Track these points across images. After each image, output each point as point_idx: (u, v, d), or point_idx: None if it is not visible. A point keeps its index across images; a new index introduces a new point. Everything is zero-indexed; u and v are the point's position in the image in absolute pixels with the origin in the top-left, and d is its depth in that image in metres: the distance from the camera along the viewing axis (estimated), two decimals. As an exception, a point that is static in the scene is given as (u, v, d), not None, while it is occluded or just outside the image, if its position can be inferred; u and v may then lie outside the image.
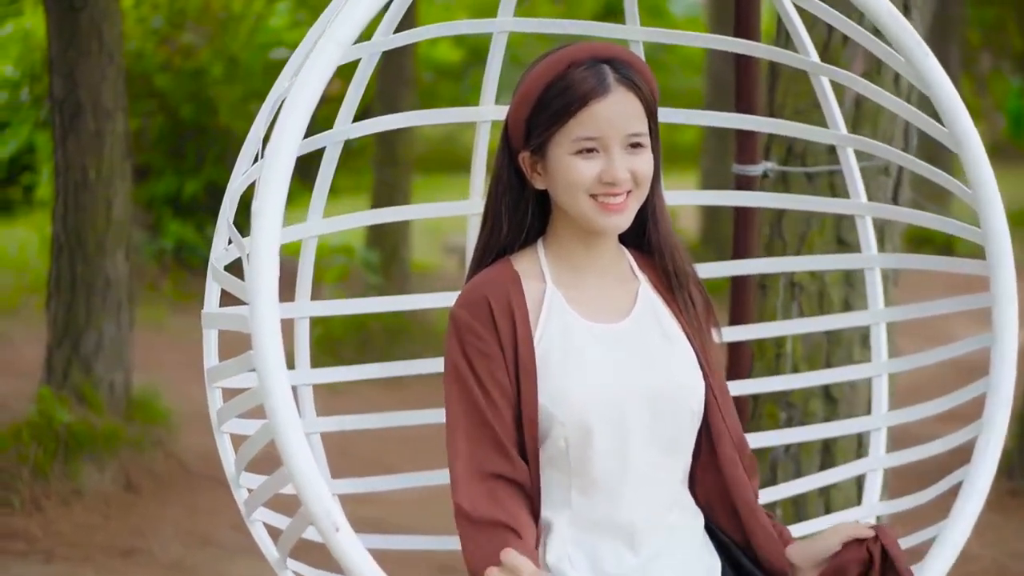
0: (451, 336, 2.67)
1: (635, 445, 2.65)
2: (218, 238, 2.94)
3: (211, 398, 2.90)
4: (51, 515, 6.21)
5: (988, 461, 2.76)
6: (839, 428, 3.70)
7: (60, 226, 7.05)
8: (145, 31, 11.69)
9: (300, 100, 2.36)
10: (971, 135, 2.82)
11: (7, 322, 10.26)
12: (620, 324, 2.73)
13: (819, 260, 3.88)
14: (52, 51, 6.98)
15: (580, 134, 2.64)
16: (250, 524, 2.84)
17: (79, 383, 6.92)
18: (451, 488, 2.62)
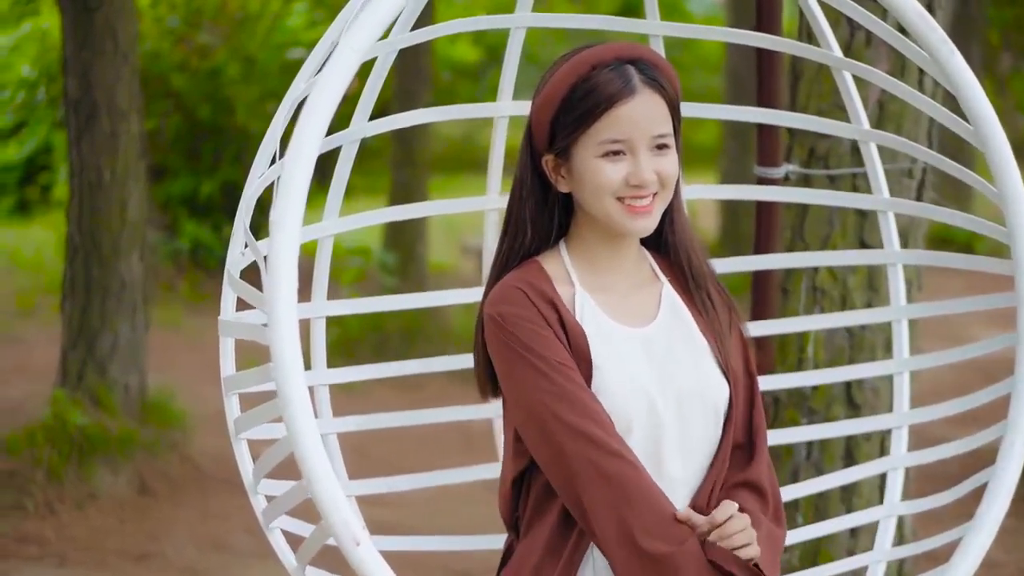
0: (498, 334, 2.62)
1: (668, 448, 2.63)
2: (234, 243, 2.89)
3: (228, 407, 2.86)
4: (65, 519, 6.18)
5: (1014, 462, 2.75)
6: (859, 426, 3.69)
7: (75, 227, 7.00)
8: (161, 31, 11.65)
9: (318, 108, 2.33)
10: (997, 133, 2.80)
11: (23, 323, 10.24)
12: (648, 328, 2.70)
13: (841, 256, 3.84)
14: (67, 51, 6.93)
15: (606, 136, 2.61)
16: (268, 532, 2.81)
17: (94, 385, 6.87)
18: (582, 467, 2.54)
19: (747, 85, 11.49)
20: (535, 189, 2.72)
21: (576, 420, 2.54)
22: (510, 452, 2.70)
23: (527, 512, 2.69)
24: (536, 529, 2.66)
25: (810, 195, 3.69)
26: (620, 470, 2.53)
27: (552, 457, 2.56)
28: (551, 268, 2.71)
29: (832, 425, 3.75)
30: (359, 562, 2.24)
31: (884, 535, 3.39)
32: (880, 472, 3.47)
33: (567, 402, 2.55)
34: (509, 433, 2.71)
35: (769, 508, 2.72)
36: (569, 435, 2.53)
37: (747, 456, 2.75)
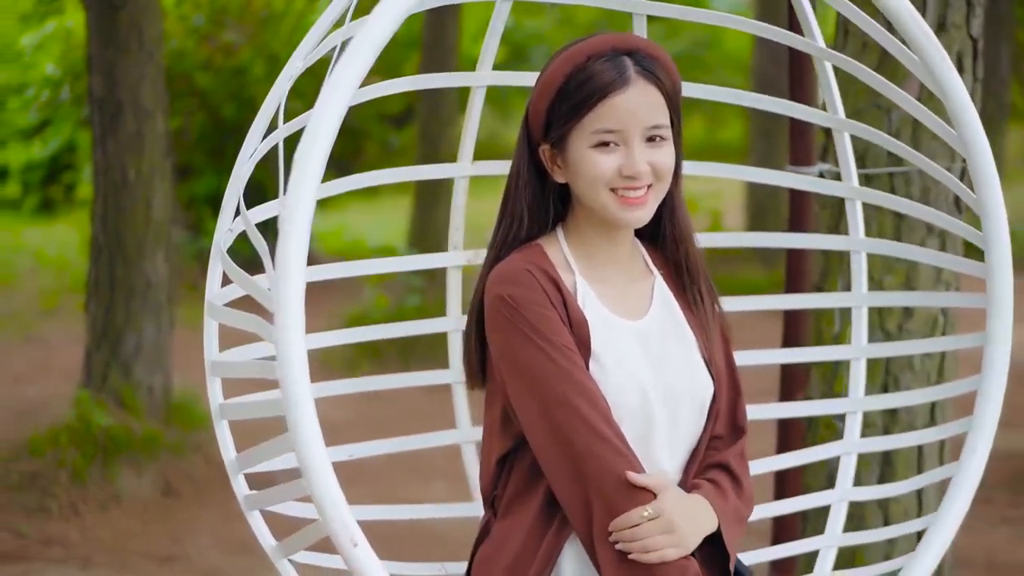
0: (506, 314, 2.61)
1: (657, 441, 2.65)
2: (223, 219, 2.92)
3: (211, 390, 2.90)
4: (89, 521, 6.15)
5: (977, 458, 2.87)
6: (811, 408, 3.73)
7: (99, 227, 6.97)
8: (186, 29, 11.64)
9: (330, 110, 2.29)
10: (980, 140, 2.84)
11: (46, 323, 10.24)
12: (641, 321, 2.71)
13: (808, 239, 3.85)
14: (92, 50, 6.90)
15: (599, 126, 2.61)
16: (248, 515, 2.82)
17: (118, 386, 6.85)
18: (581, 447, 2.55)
19: (773, 84, 11.44)
20: (532, 179, 2.72)
21: (583, 406, 2.54)
22: (497, 431, 2.70)
23: (508, 492, 2.69)
24: (518, 510, 2.66)
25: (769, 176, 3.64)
26: (623, 466, 2.55)
27: (552, 441, 2.56)
28: (552, 254, 2.71)
29: (790, 405, 3.77)
30: (356, 563, 2.24)
31: (835, 520, 3.42)
32: (832, 456, 3.52)
33: (573, 387, 2.55)
34: (495, 411, 2.70)
35: (742, 490, 2.75)
36: (574, 421, 2.54)
37: (724, 444, 2.78)
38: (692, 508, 2.60)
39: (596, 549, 2.55)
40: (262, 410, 2.70)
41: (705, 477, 2.70)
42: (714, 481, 2.69)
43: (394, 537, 4.16)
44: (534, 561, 2.61)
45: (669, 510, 2.53)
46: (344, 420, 7.64)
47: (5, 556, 5.73)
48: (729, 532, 2.65)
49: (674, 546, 2.52)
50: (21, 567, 5.63)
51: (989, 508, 6.35)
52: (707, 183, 16.25)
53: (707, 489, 2.66)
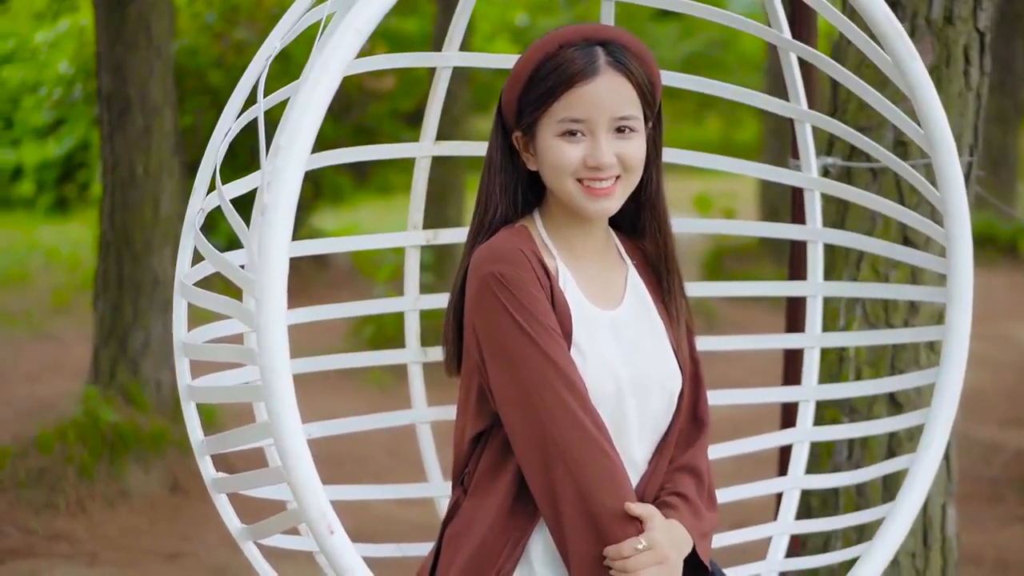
0: (496, 291, 2.61)
1: (629, 432, 2.69)
2: (195, 196, 2.96)
3: (180, 371, 2.90)
4: (96, 517, 6.13)
5: (934, 449, 2.99)
6: (766, 395, 3.80)
7: (107, 224, 6.96)
8: (198, 27, 11.61)
9: (318, 92, 2.29)
10: (946, 139, 2.92)
11: (58, 321, 10.24)
12: (616, 311, 2.74)
13: (768, 227, 3.88)
14: (100, 46, 6.89)
15: (565, 115, 2.63)
16: (214, 496, 2.86)
17: (126, 383, 6.84)
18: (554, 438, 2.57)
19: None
20: (505, 165, 2.75)
21: (564, 392, 2.56)
22: (472, 410, 2.71)
23: (479, 469, 2.71)
24: (488, 489, 2.68)
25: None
26: (602, 450, 2.57)
27: (530, 422, 2.57)
28: (535, 237, 2.73)
29: (747, 392, 3.75)
30: (332, 551, 2.25)
31: (787, 508, 3.49)
32: (786, 444, 3.60)
33: (558, 372, 2.57)
34: (471, 390, 2.71)
35: (704, 492, 2.79)
36: (554, 406, 2.55)
37: (689, 440, 2.81)
38: (676, 536, 2.64)
39: (573, 567, 2.58)
40: (235, 395, 2.70)
41: (675, 490, 2.74)
42: (684, 496, 2.73)
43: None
44: (503, 541, 2.64)
45: (660, 541, 2.56)
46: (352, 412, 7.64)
47: (13, 552, 5.72)
48: (703, 547, 2.72)
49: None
50: (28, 563, 5.61)
51: (1001, 507, 6.32)
52: (721, 183, 16.23)
53: (681, 511, 2.70)
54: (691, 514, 2.71)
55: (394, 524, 5.89)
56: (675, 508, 2.69)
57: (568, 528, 2.56)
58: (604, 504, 2.55)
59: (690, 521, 2.69)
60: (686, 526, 2.67)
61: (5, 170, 16.69)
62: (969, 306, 2.97)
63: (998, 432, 7.38)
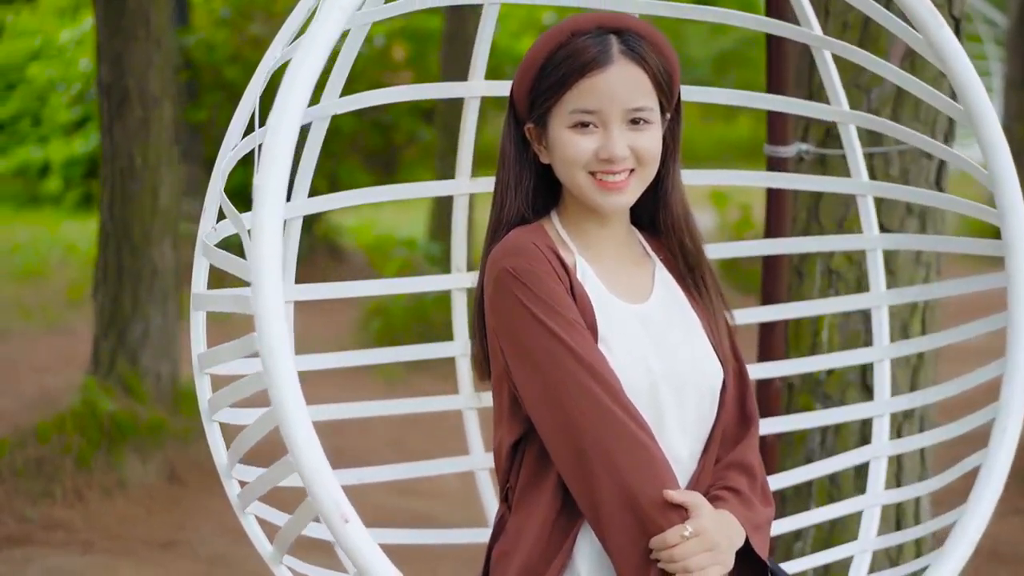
0: (511, 287, 2.51)
1: (669, 427, 2.55)
2: (207, 213, 2.81)
3: (200, 386, 2.78)
4: (93, 507, 6.15)
5: (1006, 445, 2.67)
6: (840, 415, 3.57)
7: (107, 215, 6.99)
8: (214, 22, 11.64)
9: (304, 70, 2.24)
10: (988, 113, 2.70)
11: (72, 314, 10.29)
12: (644, 305, 2.62)
13: (824, 241, 3.71)
14: (100, 37, 6.91)
15: (577, 106, 2.53)
16: (243, 518, 2.73)
17: (125, 373, 6.85)
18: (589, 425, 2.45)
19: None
20: (518, 159, 2.64)
21: (590, 382, 2.45)
22: (506, 417, 2.60)
23: (520, 482, 2.59)
24: (530, 503, 2.56)
25: (784, 180, 3.61)
26: (638, 440, 2.45)
27: (559, 418, 2.46)
28: (551, 233, 2.63)
29: (807, 416, 3.64)
30: (347, 540, 2.15)
31: (869, 525, 3.30)
32: (862, 462, 3.40)
33: (583, 366, 2.45)
34: (503, 397, 2.60)
35: (757, 488, 2.65)
36: (581, 397, 2.44)
37: (738, 437, 2.68)
38: (726, 524, 2.50)
39: (620, 565, 2.45)
40: (248, 387, 2.60)
41: (725, 485, 2.60)
42: (735, 489, 2.60)
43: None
44: (550, 553, 2.53)
45: (709, 528, 2.43)
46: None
47: (8, 540, 5.74)
48: (758, 541, 2.56)
49: (717, 563, 2.43)
50: (23, 551, 5.64)
51: (1001, 498, 6.26)
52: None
53: (732, 503, 2.56)
54: (742, 506, 2.57)
55: (396, 513, 5.88)
56: (725, 500, 2.56)
57: (610, 524, 2.43)
58: (644, 493, 2.42)
59: (741, 512, 2.55)
60: (737, 517, 2.53)
61: (33, 167, 16.75)
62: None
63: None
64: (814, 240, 3.74)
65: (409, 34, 12.76)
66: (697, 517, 2.42)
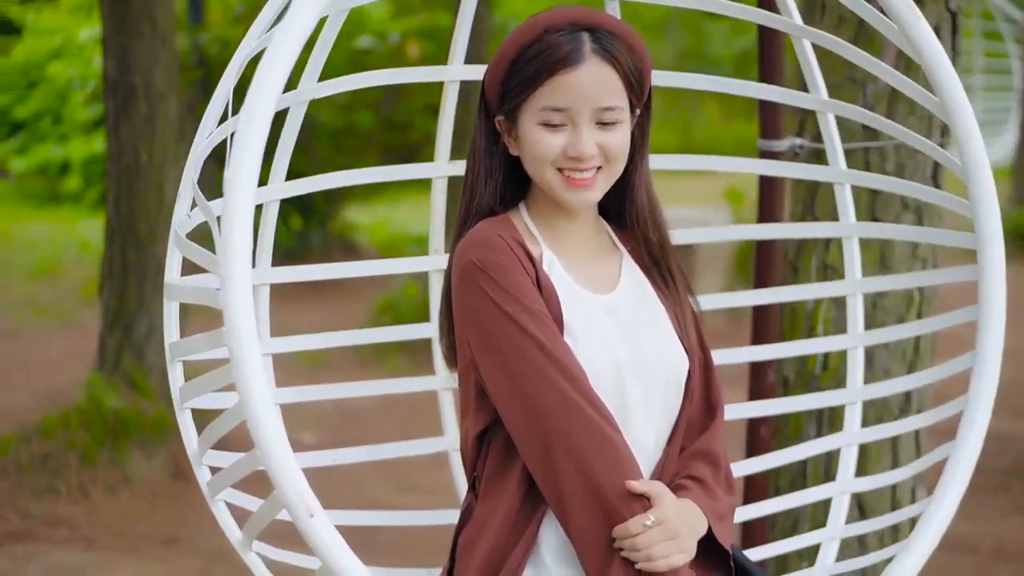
0: (476, 279, 2.52)
1: (635, 416, 2.58)
2: (180, 202, 2.84)
3: (172, 375, 2.81)
4: (97, 503, 6.16)
5: (973, 437, 2.71)
6: (811, 402, 3.56)
7: (113, 211, 6.99)
8: (228, 20, 11.65)
9: (280, 57, 2.23)
10: (962, 106, 2.70)
11: (85, 311, 10.30)
12: (610, 296, 2.65)
13: (796, 228, 3.75)
14: (106, 33, 6.91)
15: (546, 104, 2.54)
16: (213, 505, 2.76)
17: (130, 369, 6.86)
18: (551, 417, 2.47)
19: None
20: (489, 151, 2.67)
21: (555, 375, 2.47)
22: (472, 407, 2.62)
23: (486, 471, 2.61)
24: (497, 493, 2.58)
25: (771, 167, 3.59)
26: (602, 432, 2.47)
27: (525, 410, 2.48)
28: (518, 225, 2.65)
29: (783, 401, 3.63)
30: (313, 534, 2.15)
31: (837, 513, 3.30)
32: (832, 449, 3.40)
33: (549, 356, 2.48)
34: (469, 388, 2.62)
35: (721, 477, 2.68)
36: (547, 390, 2.46)
37: (703, 427, 2.71)
38: (688, 513, 2.53)
39: (583, 555, 2.48)
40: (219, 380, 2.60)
41: (689, 474, 2.64)
42: (698, 479, 2.63)
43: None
44: (515, 540, 2.54)
45: (671, 516, 2.46)
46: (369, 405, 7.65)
47: (11, 536, 5.75)
48: (721, 530, 2.60)
49: (679, 552, 2.46)
50: (25, 547, 5.65)
51: (1006, 497, 6.25)
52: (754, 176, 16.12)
53: (695, 492, 2.60)
54: (705, 495, 2.60)
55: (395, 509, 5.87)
56: (688, 490, 2.59)
57: (574, 513, 2.46)
58: (608, 483, 2.44)
59: (704, 501, 2.58)
60: (700, 506, 2.56)
61: (53, 165, 16.79)
62: (1003, 280, 2.74)
63: (1014, 424, 7.30)
64: (787, 227, 3.77)
65: (423, 32, 12.77)
66: (659, 506, 2.45)
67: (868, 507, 4.06)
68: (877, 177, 3.39)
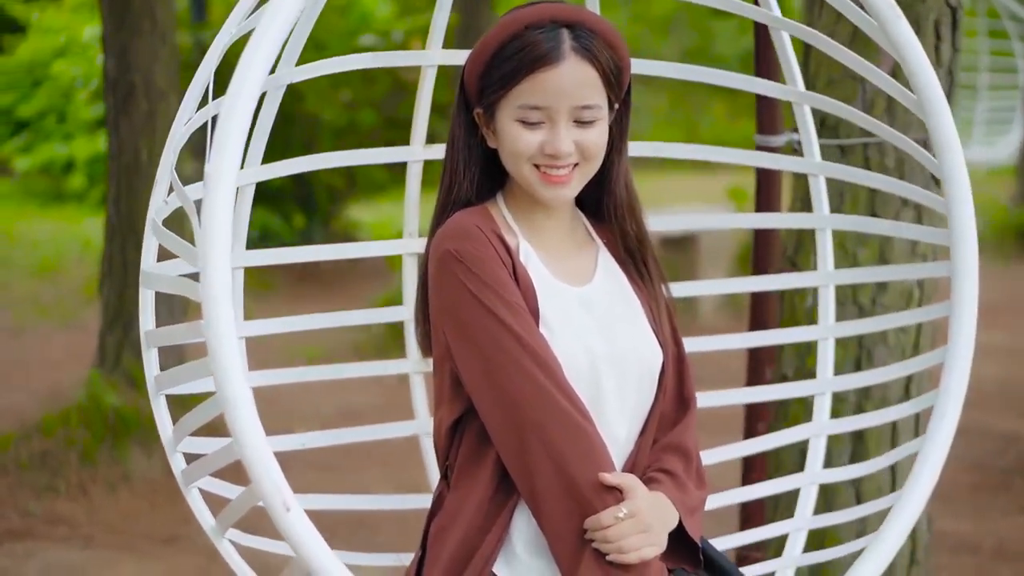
0: (454, 269, 2.54)
1: (609, 409, 2.61)
2: (158, 189, 2.84)
3: (147, 363, 2.83)
4: (97, 501, 6.15)
5: (943, 432, 2.75)
6: (785, 391, 3.61)
7: (113, 209, 6.98)
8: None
9: (264, 43, 2.23)
10: (940, 104, 2.75)
11: (86, 310, 10.29)
12: (586, 288, 2.67)
13: (775, 219, 3.77)
14: (105, 30, 6.91)
15: (525, 101, 2.56)
16: (187, 494, 2.78)
17: (130, 368, 6.85)
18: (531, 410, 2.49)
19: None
20: (467, 143, 2.69)
21: (531, 367, 2.49)
22: (447, 396, 2.65)
23: (459, 460, 2.64)
24: (469, 480, 2.61)
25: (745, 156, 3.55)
26: (576, 424, 2.49)
27: (499, 401, 2.50)
28: (495, 216, 2.68)
29: (758, 389, 3.65)
30: (289, 528, 2.14)
31: (805, 503, 3.35)
32: (802, 439, 3.44)
33: (524, 347, 2.50)
34: (444, 378, 2.64)
35: (692, 471, 2.71)
36: (522, 381, 2.49)
37: (675, 420, 2.74)
38: (660, 506, 2.55)
39: (555, 546, 2.50)
40: (196, 373, 2.60)
41: (661, 467, 2.66)
42: (670, 472, 2.66)
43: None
44: (487, 530, 2.56)
45: (643, 510, 2.48)
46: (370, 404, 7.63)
47: (10, 534, 5.74)
48: (691, 524, 2.63)
49: (650, 545, 2.48)
50: (24, 545, 5.63)
51: (1008, 496, 6.23)
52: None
53: (666, 485, 2.63)
54: (677, 488, 2.63)
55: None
56: (660, 483, 2.62)
57: (546, 504, 2.48)
58: (581, 476, 2.47)
59: (675, 495, 2.61)
60: (671, 499, 2.60)
61: (58, 164, 16.77)
62: (975, 277, 2.77)
63: (1016, 423, 7.28)
64: (759, 217, 3.80)
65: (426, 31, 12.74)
66: (632, 499, 2.48)
67: (866, 495, 4.06)
68: (847, 169, 3.42)
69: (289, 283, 11.19)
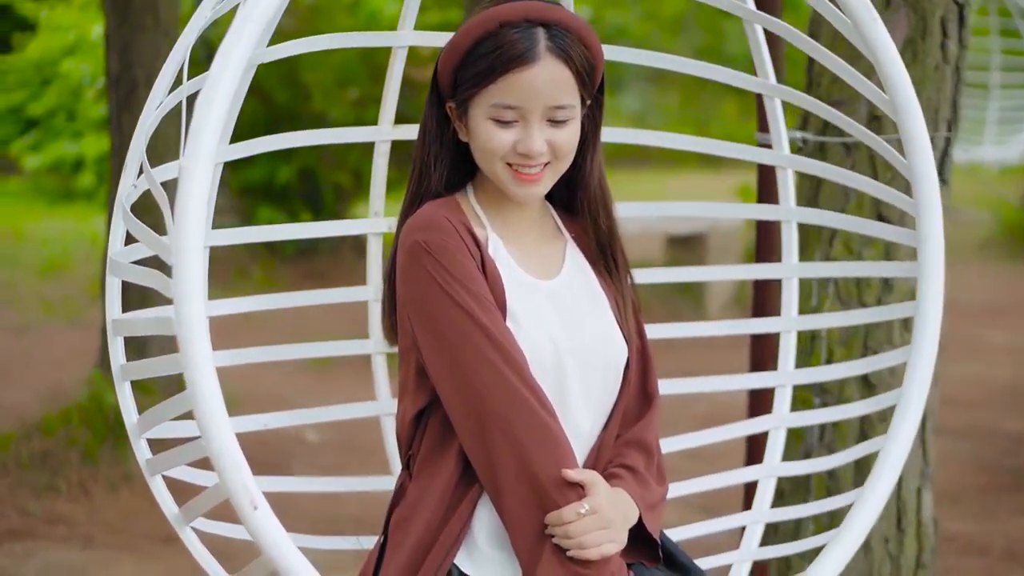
0: (422, 260, 2.54)
1: (573, 402, 2.62)
2: (127, 173, 2.89)
3: (113, 351, 2.90)
4: (97, 500, 6.13)
5: (906, 430, 2.78)
6: (745, 382, 3.68)
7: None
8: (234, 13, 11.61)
9: (254, 16, 2.21)
10: (912, 105, 2.77)
11: (94, 308, 10.26)
12: (553, 281, 2.68)
13: (740, 208, 3.95)
14: (108, 27, 6.88)
15: (499, 101, 2.56)
16: (151, 482, 2.81)
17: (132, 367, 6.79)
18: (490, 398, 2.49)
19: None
20: (439, 134, 2.69)
21: (497, 361, 2.50)
22: (411, 387, 2.65)
23: (422, 451, 2.64)
24: (431, 470, 2.61)
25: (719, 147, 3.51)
26: (541, 419, 2.50)
27: (464, 394, 2.51)
28: (465, 208, 2.68)
29: (720, 379, 3.61)
30: (256, 527, 2.12)
31: (763, 496, 3.38)
32: (762, 431, 3.47)
33: (491, 340, 2.51)
34: (409, 368, 2.64)
35: (653, 467, 2.73)
36: (488, 375, 2.49)
37: (639, 415, 2.75)
38: (621, 503, 2.57)
39: (516, 540, 2.51)
40: (166, 368, 2.59)
41: (622, 463, 2.68)
42: (631, 468, 2.67)
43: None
44: (448, 521, 2.57)
45: (605, 506, 2.50)
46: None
47: (10, 534, 5.73)
48: (651, 520, 2.65)
49: (611, 541, 2.50)
50: (24, 545, 5.62)
51: (1015, 496, 6.19)
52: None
53: (627, 481, 2.65)
54: (637, 484, 2.65)
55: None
56: (621, 478, 2.64)
57: (508, 498, 2.49)
58: (543, 471, 2.48)
59: (636, 491, 2.63)
60: (632, 496, 2.61)
61: (67, 162, 16.79)
62: (940, 278, 2.81)
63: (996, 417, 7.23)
64: (729, 206, 3.85)
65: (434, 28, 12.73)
66: (594, 495, 2.49)
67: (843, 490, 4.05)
68: (820, 164, 3.41)
69: (294, 281, 11.19)
